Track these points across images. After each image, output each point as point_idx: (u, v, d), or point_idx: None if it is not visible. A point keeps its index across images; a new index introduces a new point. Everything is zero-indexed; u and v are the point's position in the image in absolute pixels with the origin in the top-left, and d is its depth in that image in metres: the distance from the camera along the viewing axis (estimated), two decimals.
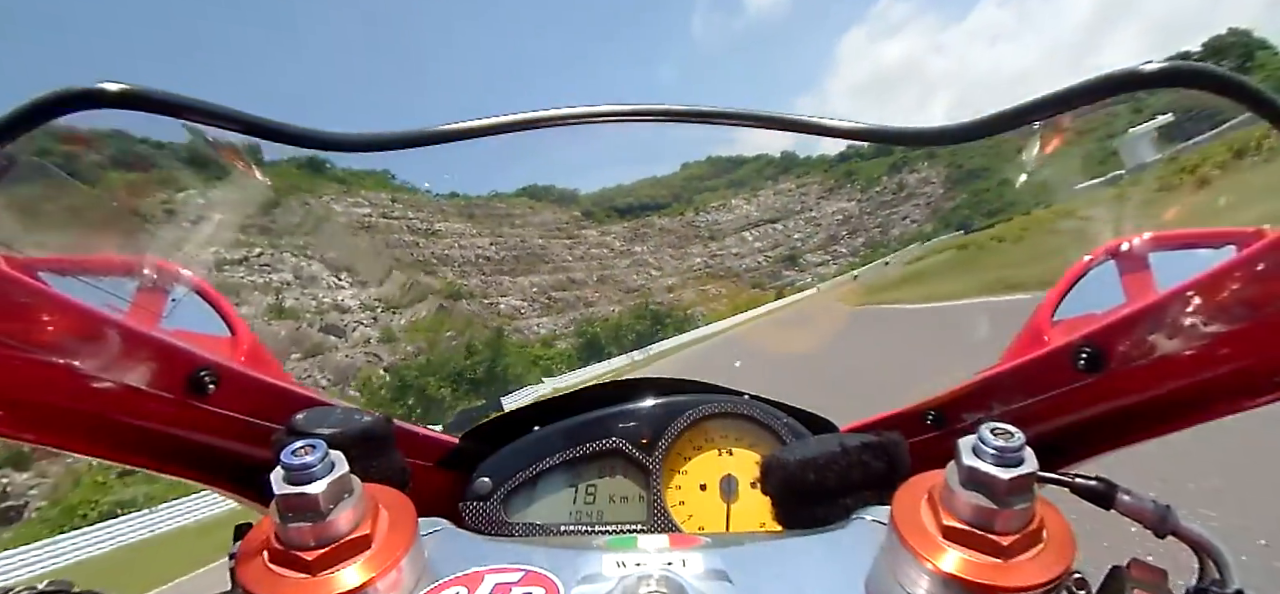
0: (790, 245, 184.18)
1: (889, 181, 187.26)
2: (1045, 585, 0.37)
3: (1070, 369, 0.60)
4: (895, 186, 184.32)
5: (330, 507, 0.41)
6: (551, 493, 0.87)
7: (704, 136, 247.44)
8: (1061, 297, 0.85)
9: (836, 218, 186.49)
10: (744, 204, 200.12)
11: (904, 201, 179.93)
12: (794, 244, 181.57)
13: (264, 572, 0.41)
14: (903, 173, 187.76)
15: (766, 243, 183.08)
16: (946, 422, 0.78)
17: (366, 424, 0.61)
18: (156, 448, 0.63)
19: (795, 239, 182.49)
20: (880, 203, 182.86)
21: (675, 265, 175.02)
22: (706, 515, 0.84)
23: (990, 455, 0.38)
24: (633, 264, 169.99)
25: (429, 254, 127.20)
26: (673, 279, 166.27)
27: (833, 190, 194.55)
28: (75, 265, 0.69)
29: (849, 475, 0.61)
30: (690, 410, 0.87)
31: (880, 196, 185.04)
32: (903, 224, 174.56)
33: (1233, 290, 0.48)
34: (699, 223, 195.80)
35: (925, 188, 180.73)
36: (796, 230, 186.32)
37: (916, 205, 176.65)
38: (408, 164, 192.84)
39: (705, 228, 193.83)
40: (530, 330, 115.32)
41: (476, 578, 0.45)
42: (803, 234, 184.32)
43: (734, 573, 0.46)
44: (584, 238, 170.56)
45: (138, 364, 0.58)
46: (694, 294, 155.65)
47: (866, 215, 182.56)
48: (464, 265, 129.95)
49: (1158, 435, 0.61)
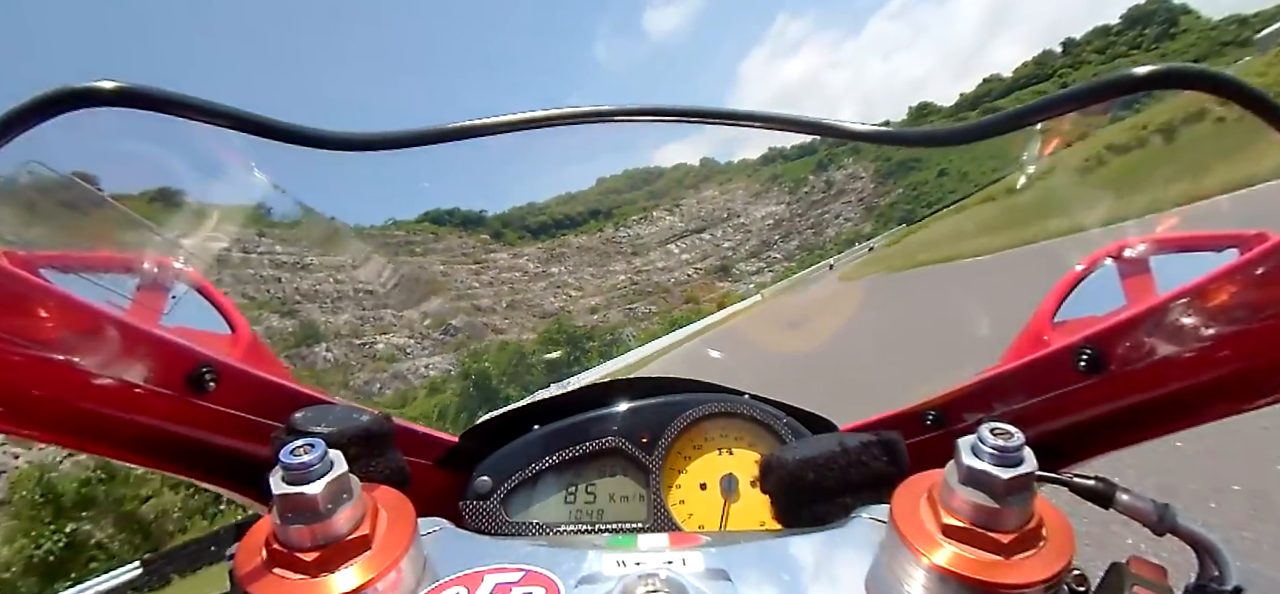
0: (721, 255, 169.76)
1: (816, 180, 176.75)
2: (1045, 583, 0.37)
3: (1071, 370, 0.60)
4: (824, 185, 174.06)
5: (329, 507, 0.41)
6: (551, 492, 0.86)
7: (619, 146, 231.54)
8: (1062, 298, 0.85)
9: (767, 222, 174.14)
10: (667, 215, 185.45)
11: (835, 199, 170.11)
12: (725, 253, 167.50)
13: (263, 572, 0.41)
14: (830, 170, 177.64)
15: (695, 254, 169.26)
16: (946, 422, 0.78)
17: (366, 423, 0.61)
18: (157, 445, 0.63)
19: (726, 248, 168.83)
20: (810, 203, 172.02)
21: (597, 284, 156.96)
22: (706, 515, 0.83)
23: (990, 455, 0.38)
24: (550, 286, 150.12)
25: (292, 290, 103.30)
26: (595, 299, 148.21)
27: (759, 195, 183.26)
28: (76, 262, 0.69)
29: (848, 475, 0.61)
30: (690, 410, 0.86)
31: (810, 196, 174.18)
32: (837, 223, 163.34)
33: (1233, 293, 0.48)
34: (620, 238, 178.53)
35: (855, 183, 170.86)
36: (726, 239, 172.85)
37: (847, 203, 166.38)
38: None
39: (627, 243, 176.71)
40: (416, 373, 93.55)
41: (476, 578, 0.44)
42: (733, 242, 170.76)
43: (734, 572, 0.46)
44: (493, 261, 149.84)
45: (138, 361, 0.57)
46: (620, 314, 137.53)
47: (798, 217, 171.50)
48: (338, 301, 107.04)
49: (1158, 436, 0.61)
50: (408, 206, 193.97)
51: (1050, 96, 0.53)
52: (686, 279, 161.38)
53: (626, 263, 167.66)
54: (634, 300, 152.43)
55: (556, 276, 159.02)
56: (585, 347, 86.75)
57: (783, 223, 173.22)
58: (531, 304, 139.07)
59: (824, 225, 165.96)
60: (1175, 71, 0.46)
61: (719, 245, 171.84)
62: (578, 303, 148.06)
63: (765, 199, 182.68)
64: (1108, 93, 0.50)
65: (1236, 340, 0.49)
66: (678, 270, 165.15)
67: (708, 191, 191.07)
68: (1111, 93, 0.50)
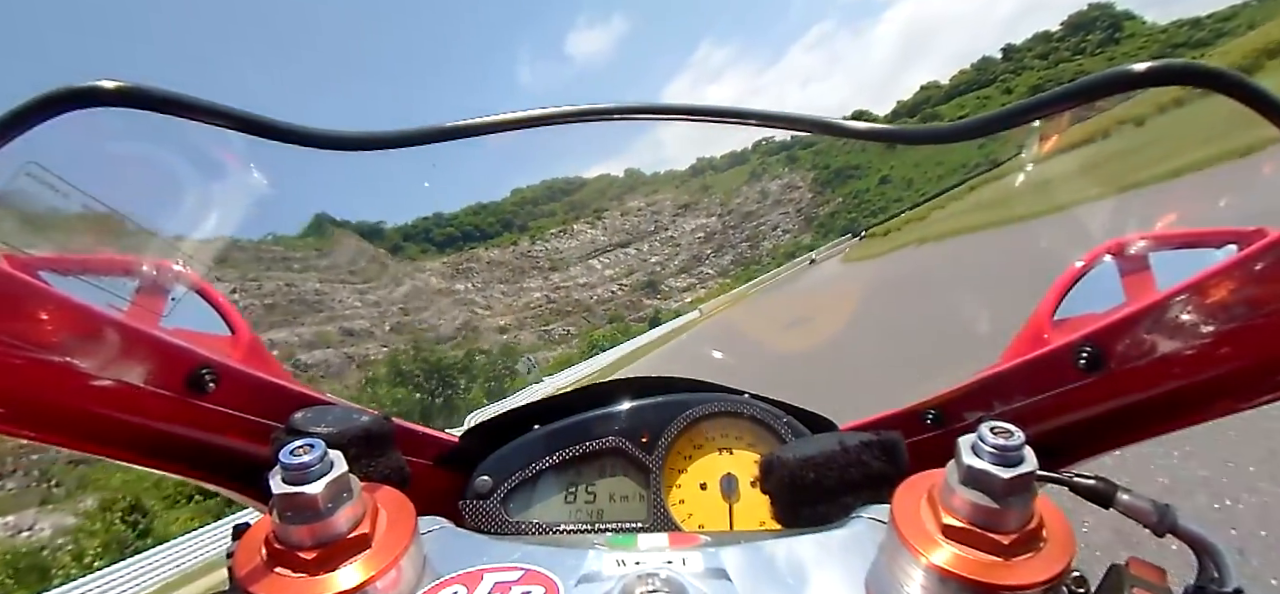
0: (648, 271, 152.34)
1: (750, 190, 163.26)
2: (1045, 584, 0.37)
3: (1070, 369, 0.60)
4: (758, 195, 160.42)
5: (329, 506, 0.41)
6: (551, 492, 0.86)
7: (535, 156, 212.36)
8: (1062, 296, 0.84)
9: (698, 235, 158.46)
10: (588, 228, 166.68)
11: (771, 210, 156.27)
12: (652, 269, 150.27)
13: (263, 571, 0.41)
14: (764, 180, 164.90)
15: (619, 269, 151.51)
16: (946, 421, 0.78)
17: (366, 423, 0.61)
18: (157, 446, 0.63)
19: (653, 263, 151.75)
20: (744, 214, 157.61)
21: (508, 302, 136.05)
22: (706, 514, 0.84)
23: (990, 454, 0.38)
24: (454, 304, 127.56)
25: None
26: (506, 319, 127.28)
27: (689, 206, 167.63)
28: (76, 264, 0.69)
29: (849, 474, 0.61)
30: (690, 409, 0.87)
31: (743, 207, 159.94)
32: (774, 235, 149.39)
33: (1233, 290, 0.48)
34: (536, 252, 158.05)
35: (791, 194, 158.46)
36: (653, 253, 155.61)
37: (785, 213, 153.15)
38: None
39: (544, 257, 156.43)
40: None
41: (476, 577, 0.44)
42: (661, 257, 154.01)
43: (734, 572, 0.46)
44: (387, 277, 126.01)
45: (138, 362, 0.57)
46: (533, 336, 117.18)
47: (731, 229, 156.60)
48: None
49: (1158, 435, 0.61)
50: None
51: (1047, 94, 0.53)
52: (610, 296, 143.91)
53: (543, 279, 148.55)
54: (550, 320, 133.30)
55: (462, 294, 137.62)
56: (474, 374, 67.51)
57: (715, 236, 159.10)
58: (427, 327, 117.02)
59: (760, 237, 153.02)
60: (1173, 67, 0.46)
61: (646, 260, 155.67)
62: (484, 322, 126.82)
63: (695, 211, 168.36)
64: (1106, 90, 0.50)
65: (1237, 337, 0.49)
66: (601, 287, 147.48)
67: (633, 203, 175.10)
68: (1110, 90, 0.50)
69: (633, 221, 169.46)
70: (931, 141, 0.63)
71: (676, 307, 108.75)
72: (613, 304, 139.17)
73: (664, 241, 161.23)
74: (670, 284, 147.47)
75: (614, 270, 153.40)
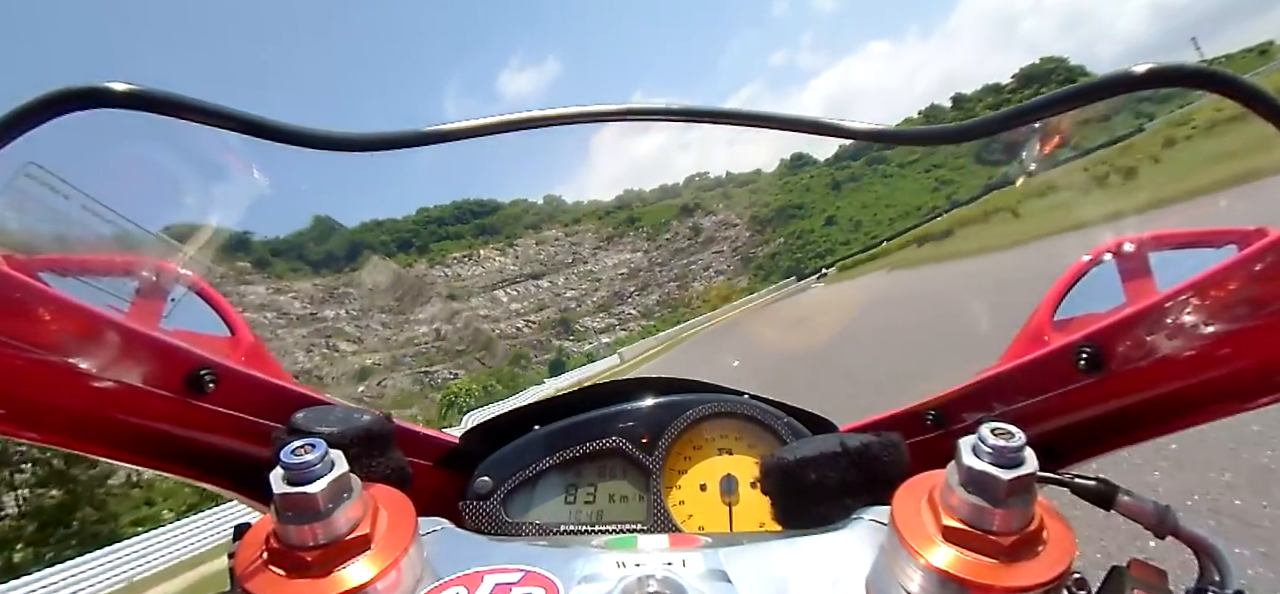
0: (562, 306, 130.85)
1: (681, 226, 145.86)
2: (1045, 586, 0.37)
3: (1070, 369, 0.60)
4: (690, 231, 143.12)
5: (329, 506, 0.41)
6: (552, 493, 0.86)
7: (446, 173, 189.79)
8: (1061, 296, 0.84)
9: (620, 272, 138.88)
10: (498, 255, 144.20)
11: (703, 248, 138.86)
12: (567, 304, 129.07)
13: (263, 571, 0.41)
14: (697, 216, 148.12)
15: (529, 303, 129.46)
16: (947, 422, 0.78)
17: (366, 423, 0.61)
18: (157, 447, 0.63)
19: (568, 298, 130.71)
20: (674, 251, 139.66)
21: (389, 337, 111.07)
22: (706, 515, 0.84)
23: (990, 455, 0.38)
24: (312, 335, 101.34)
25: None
26: (378, 356, 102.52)
27: (613, 239, 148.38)
28: (75, 265, 0.69)
29: (849, 475, 0.61)
30: (690, 410, 0.87)
31: (673, 244, 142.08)
32: (706, 276, 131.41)
33: (1233, 290, 0.48)
34: (434, 277, 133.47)
35: (727, 231, 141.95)
36: (569, 287, 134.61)
37: (719, 252, 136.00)
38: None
39: (443, 284, 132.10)
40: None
41: (476, 578, 0.44)
42: (578, 292, 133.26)
43: (734, 573, 0.46)
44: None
45: (138, 363, 0.57)
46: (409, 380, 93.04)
47: (658, 267, 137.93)
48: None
49: (1158, 435, 0.61)
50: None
51: (1049, 96, 0.53)
52: (515, 333, 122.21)
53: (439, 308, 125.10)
54: (437, 361, 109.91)
55: (329, 323, 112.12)
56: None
57: (640, 273, 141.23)
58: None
59: (690, 278, 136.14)
60: (1179, 70, 0.46)
61: (560, 295, 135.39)
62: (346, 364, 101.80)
63: (619, 245, 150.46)
64: (1107, 91, 0.50)
65: (1237, 337, 0.49)
66: (505, 322, 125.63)
67: (550, 232, 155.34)
68: (1111, 91, 0.50)
69: (549, 251, 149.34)
70: (933, 142, 0.62)
71: (590, 348, 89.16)
72: (517, 341, 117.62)
73: (582, 275, 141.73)
74: (586, 323, 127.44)
75: (522, 304, 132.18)
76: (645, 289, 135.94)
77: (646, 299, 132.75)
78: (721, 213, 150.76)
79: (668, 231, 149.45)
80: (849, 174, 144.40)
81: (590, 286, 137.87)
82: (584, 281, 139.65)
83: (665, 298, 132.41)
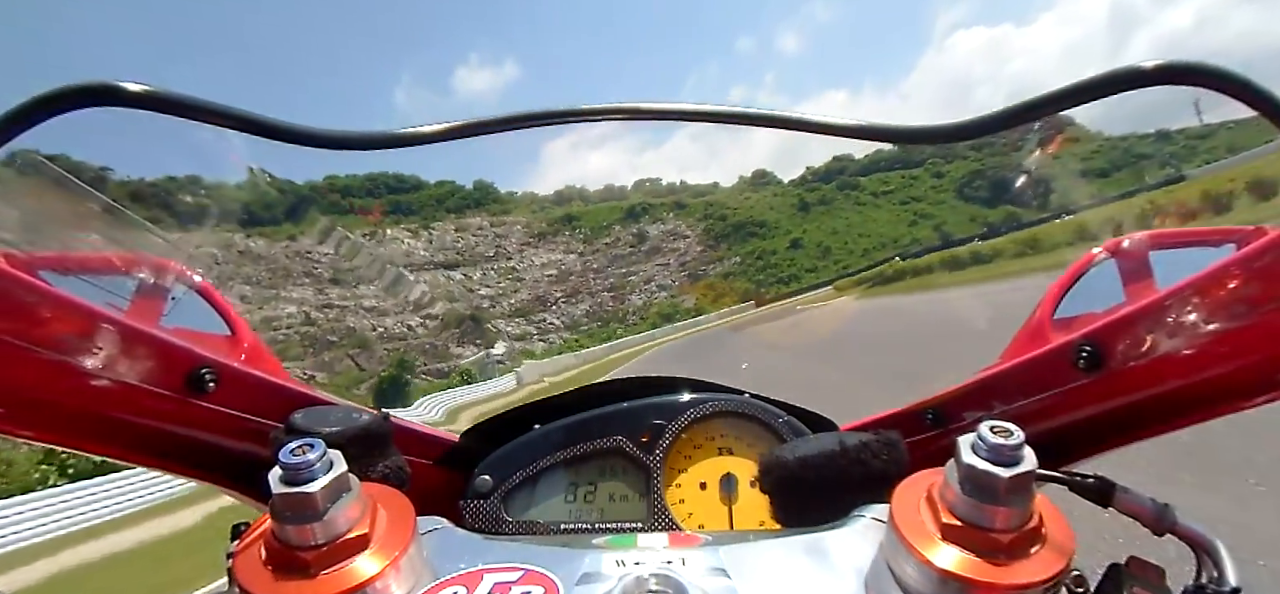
0: (474, 303, 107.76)
1: (624, 232, 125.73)
2: (1044, 583, 0.37)
3: (1070, 368, 0.60)
4: (634, 238, 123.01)
5: (328, 506, 0.41)
6: (552, 491, 0.86)
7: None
8: (1062, 295, 0.84)
9: (548, 274, 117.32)
10: (408, 238, 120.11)
11: (646, 258, 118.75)
12: (480, 302, 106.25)
13: (262, 571, 0.41)
14: (643, 221, 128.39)
15: (434, 294, 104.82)
16: (946, 420, 0.78)
17: (365, 423, 0.61)
18: (156, 445, 0.63)
19: (483, 295, 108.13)
20: (613, 257, 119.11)
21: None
22: (706, 514, 0.84)
23: (989, 454, 0.38)
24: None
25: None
26: None
27: (545, 237, 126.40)
28: (76, 264, 0.70)
29: (848, 474, 0.61)
30: (690, 409, 0.87)
31: (613, 250, 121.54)
32: (647, 290, 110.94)
33: (1232, 289, 0.48)
34: (320, 253, 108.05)
35: (675, 243, 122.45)
36: (486, 284, 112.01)
37: (664, 265, 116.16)
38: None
39: (329, 263, 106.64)
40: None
41: (476, 577, 0.44)
42: (496, 290, 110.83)
43: (733, 571, 0.46)
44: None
45: (138, 362, 0.57)
46: None
47: (593, 274, 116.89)
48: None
49: (1158, 434, 0.61)
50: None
51: (1053, 92, 0.52)
52: (404, 332, 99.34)
53: (316, 292, 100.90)
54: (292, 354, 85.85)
55: None
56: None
57: (571, 278, 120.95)
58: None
59: (628, 290, 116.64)
60: (1181, 67, 0.46)
61: (474, 290, 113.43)
62: None
63: (552, 243, 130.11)
64: (1112, 88, 0.50)
65: (1236, 336, 0.49)
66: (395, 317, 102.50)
67: (474, 220, 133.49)
68: (1116, 88, 0.49)
69: (469, 240, 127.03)
70: (935, 141, 0.62)
71: (469, 363, 68.10)
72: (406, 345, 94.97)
73: (503, 273, 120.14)
74: (500, 326, 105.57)
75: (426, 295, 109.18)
76: (574, 296, 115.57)
77: (574, 308, 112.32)
78: (671, 222, 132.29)
79: (608, 235, 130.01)
80: (819, 196, 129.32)
81: (511, 285, 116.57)
82: (505, 280, 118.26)
83: (596, 309, 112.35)
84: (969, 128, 0.58)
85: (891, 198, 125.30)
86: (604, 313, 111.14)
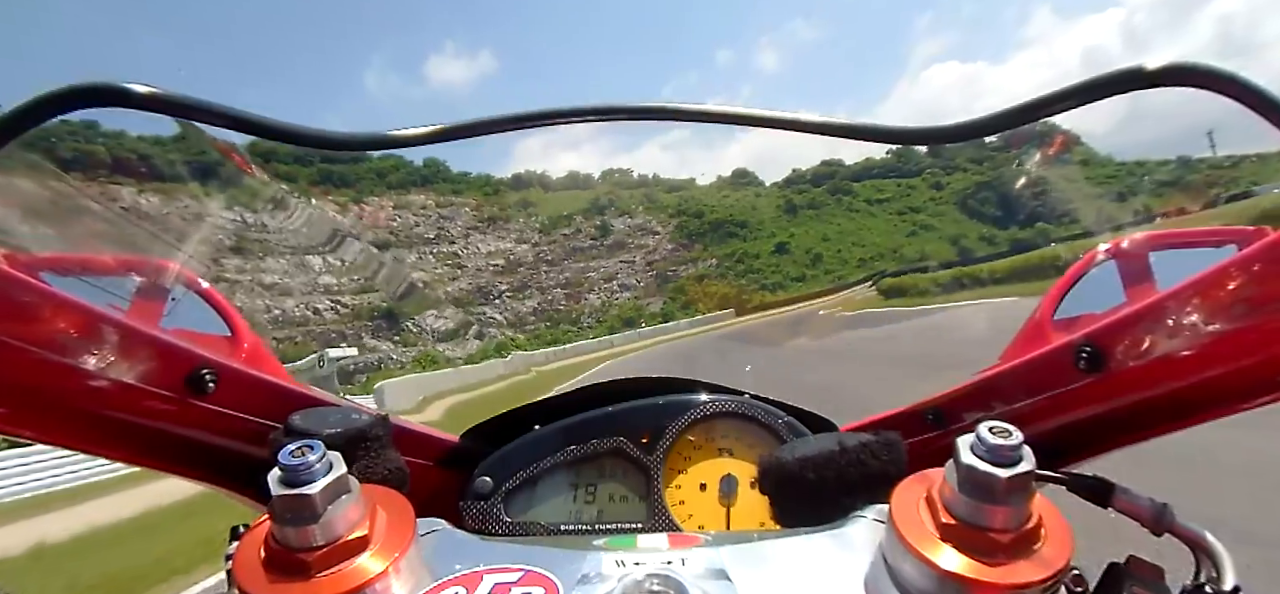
0: (398, 285, 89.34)
1: (586, 223, 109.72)
2: (1043, 583, 0.37)
3: (1070, 369, 0.60)
4: (596, 230, 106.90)
5: (327, 507, 0.41)
6: (551, 492, 0.87)
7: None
8: (1062, 296, 0.85)
9: (495, 262, 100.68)
10: (335, 211, 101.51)
11: (609, 254, 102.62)
12: (406, 291, 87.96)
13: (261, 573, 0.41)
14: (607, 214, 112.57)
15: (350, 280, 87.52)
16: (946, 421, 0.78)
17: (364, 424, 0.61)
18: (156, 445, 0.63)
19: (414, 281, 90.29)
20: (571, 250, 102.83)
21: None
22: (706, 515, 0.84)
23: (988, 454, 0.38)
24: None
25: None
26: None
27: (495, 222, 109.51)
28: (76, 265, 0.70)
29: (848, 474, 0.61)
30: (690, 410, 0.87)
31: (571, 241, 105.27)
32: (607, 289, 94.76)
33: (1232, 290, 0.48)
34: (221, 218, 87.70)
35: (644, 239, 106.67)
36: (421, 268, 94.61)
37: (628, 262, 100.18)
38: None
39: (227, 232, 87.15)
40: None
41: (475, 578, 0.44)
42: (429, 276, 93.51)
43: (733, 572, 0.46)
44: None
45: (138, 362, 0.57)
46: None
47: (547, 265, 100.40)
48: None
49: (1158, 435, 0.61)
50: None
51: (1056, 91, 0.52)
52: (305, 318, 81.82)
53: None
54: None
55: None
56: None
57: (520, 268, 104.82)
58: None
59: (585, 286, 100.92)
60: (1183, 68, 0.46)
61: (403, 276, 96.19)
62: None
63: (502, 230, 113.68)
64: (1115, 88, 0.49)
65: (1236, 337, 0.49)
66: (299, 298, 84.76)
67: (418, 197, 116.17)
68: (1120, 88, 0.49)
69: (407, 219, 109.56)
70: (935, 141, 0.62)
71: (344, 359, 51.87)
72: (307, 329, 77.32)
73: (442, 258, 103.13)
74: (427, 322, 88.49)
75: (342, 279, 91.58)
76: (522, 291, 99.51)
77: (521, 304, 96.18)
78: (640, 216, 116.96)
79: (568, 226, 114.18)
80: (808, 199, 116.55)
81: (449, 272, 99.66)
82: (442, 264, 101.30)
83: (546, 307, 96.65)
84: (970, 128, 0.57)
85: (887, 206, 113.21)
86: (555, 312, 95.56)
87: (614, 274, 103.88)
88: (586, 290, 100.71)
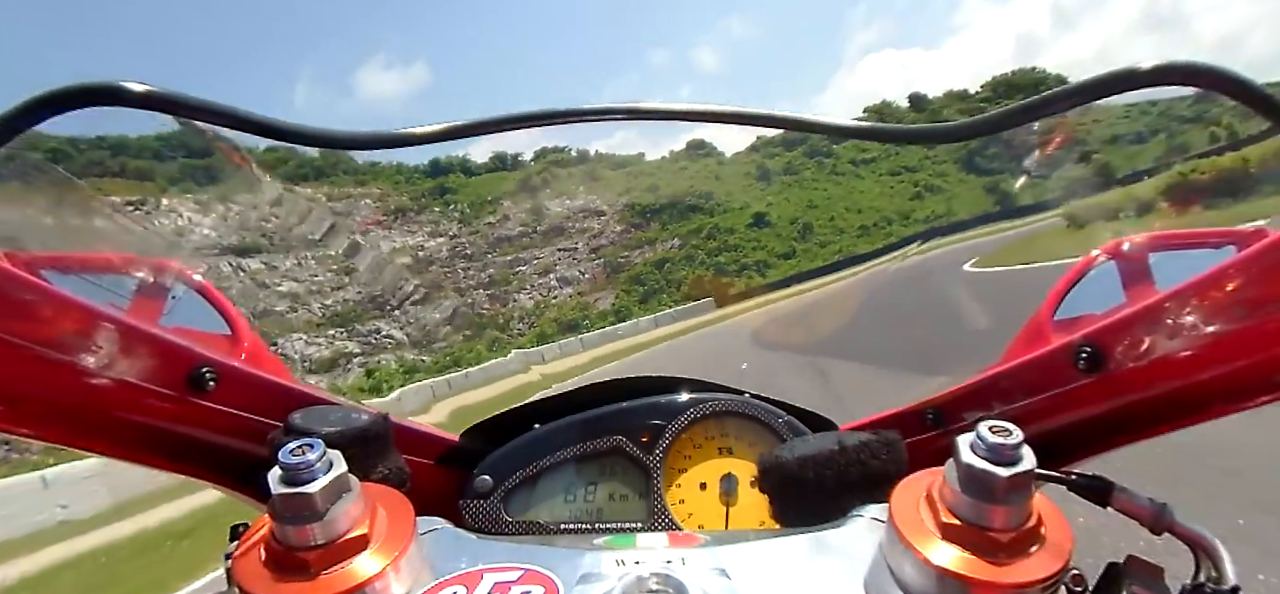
0: (262, 306, 65.72)
1: (515, 207, 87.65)
2: (1043, 582, 0.37)
3: (1070, 369, 0.60)
4: (527, 216, 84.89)
5: (327, 506, 0.40)
6: (552, 491, 0.87)
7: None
8: (1062, 296, 0.85)
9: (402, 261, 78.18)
10: (193, 212, 75.40)
11: (545, 242, 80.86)
12: (268, 306, 64.70)
13: (261, 572, 0.41)
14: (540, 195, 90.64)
15: (221, 273, 62.63)
16: (946, 421, 0.78)
17: (365, 423, 0.61)
18: (157, 444, 0.63)
19: (281, 295, 66.99)
20: (497, 240, 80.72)
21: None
22: (706, 514, 0.84)
23: (988, 453, 0.38)
24: None
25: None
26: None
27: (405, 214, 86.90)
28: (77, 263, 0.70)
29: (848, 473, 0.61)
30: (690, 409, 0.87)
31: (498, 230, 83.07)
32: (542, 284, 72.55)
33: (1232, 291, 0.48)
34: (46, 226, 59.82)
35: (589, 222, 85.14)
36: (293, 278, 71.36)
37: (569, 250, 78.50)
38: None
39: (56, 239, 58.74)
40: None
41: (475, 577, 0.44)
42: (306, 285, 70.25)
43: (733, 571, 0.46)
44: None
45: (139, 361, 0.57)
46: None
47: (466, 261, 77.99)
48: None
49: (1157, 435, 0.61)
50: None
51: (1051, 92, 0.53)
52: None
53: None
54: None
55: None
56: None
57: (433, 266, 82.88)
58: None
59: (515, 285, 79.70)
60: (1181, 67, 0.46)
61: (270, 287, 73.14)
62: None
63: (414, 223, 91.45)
64: (1111, 89, 0.50)
65: (1236, 337, 0.49)
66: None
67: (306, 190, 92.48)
68: (1118, 88, 0.49)
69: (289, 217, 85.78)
70: (936, 141, 0.62)
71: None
72: None
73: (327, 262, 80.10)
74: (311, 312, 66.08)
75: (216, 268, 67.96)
76: (435, 293, 77.37)
77: (428, 313, 74.10)
78: (583, 197, 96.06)
79: (494, 212, 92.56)
80: (783, 164, 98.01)
81: (334, 279, 76.79)
82: (328, 270, 78.32)
83: (466, 312, 74.64)
84: (970, 128, 0.58)
85: (874, 168, 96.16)
86: (478, 318, 74.25)
87: (551, 266, 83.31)
88: (516, 288, 79.74)
